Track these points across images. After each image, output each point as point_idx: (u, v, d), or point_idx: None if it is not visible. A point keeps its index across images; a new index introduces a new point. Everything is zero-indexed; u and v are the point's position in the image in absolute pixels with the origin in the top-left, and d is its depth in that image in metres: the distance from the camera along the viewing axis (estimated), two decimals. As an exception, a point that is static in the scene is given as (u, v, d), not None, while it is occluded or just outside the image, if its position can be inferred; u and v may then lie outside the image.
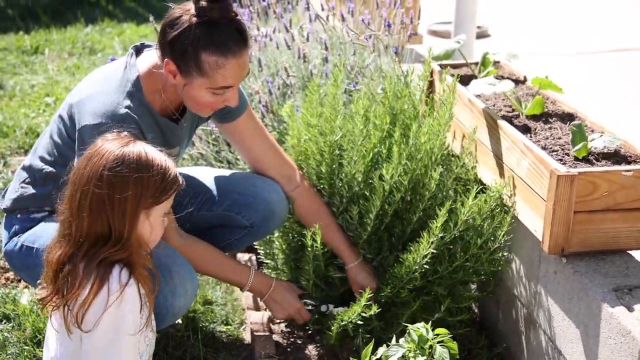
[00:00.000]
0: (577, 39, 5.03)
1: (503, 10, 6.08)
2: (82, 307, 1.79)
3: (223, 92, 2.25)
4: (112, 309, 1.79)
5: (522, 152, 2.29)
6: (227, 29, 2.18)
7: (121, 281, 1.80)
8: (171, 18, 2.20)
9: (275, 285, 2.62)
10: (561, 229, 2.14)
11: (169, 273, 2.26)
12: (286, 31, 3.51)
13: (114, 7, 7.61)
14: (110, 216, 1.81)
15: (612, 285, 2.07)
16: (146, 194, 1.83)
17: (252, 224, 2.61)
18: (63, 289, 1.83)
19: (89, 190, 1.81)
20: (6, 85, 5.35)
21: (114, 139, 1.88)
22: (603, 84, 4.08)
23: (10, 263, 2.50)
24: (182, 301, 2.33)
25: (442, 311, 2.49)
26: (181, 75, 2.22)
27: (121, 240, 1.82)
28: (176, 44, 2.18)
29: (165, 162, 1.88)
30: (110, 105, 2.22)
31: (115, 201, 1.80)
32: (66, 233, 1.86)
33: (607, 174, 2.12)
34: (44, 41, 6.41)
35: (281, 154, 2.67)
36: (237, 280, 2.60)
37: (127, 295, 1.80)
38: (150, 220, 1.87)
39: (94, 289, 1.79)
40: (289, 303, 2.63)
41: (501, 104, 2.66)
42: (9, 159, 4.16)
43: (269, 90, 3.33)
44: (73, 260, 1.84)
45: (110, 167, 1.81)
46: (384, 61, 3.16)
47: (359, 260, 2.65)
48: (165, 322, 2.34)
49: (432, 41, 4.33)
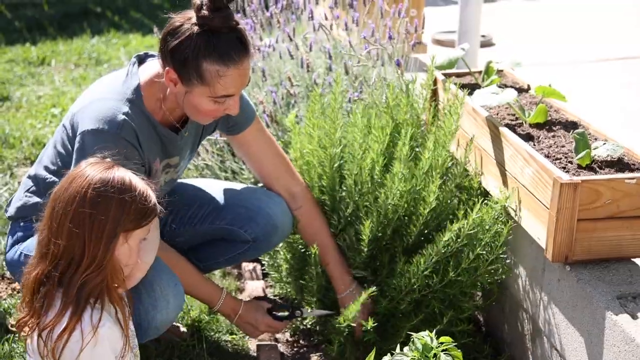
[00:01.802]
0: (581, 48, 5.03)
1: (507, 19, 6.09)
2: (58, 342, 1.79)
3: (224, 100, 2.26)
4: (88, 350, 1.79)
5: (525, 161, 2.29)
6: (228, 38, 2.19)
7: (92, 322, 1.80)
8: (172, 27, 2.21)
9: (244, 307, 2.62)
10: (565, 237, 2.14)
11: (150, 285, 2.25)
12: (290, 41, 3.52)
13: (120, 19, 7.65)
14: (87, 237, 1.81)
15: (616, 293, 2.07)
16: (127, 217, 1.83)
17: (254, 238, 2.62)
18: (39, 311, 1.83)
19: (70, 209, 1.81)
20: (13, 97, 5.38)
21: (98, 162, 1.89)
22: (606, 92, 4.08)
23: (11, 271, 2.51)
24: (164, 314, 2.31)
25: (444, 323, 2.48)
26: (182, 83, 2.23)
27: (94, 263, 1.82)
28: (177, 52, 2.19)
29: (147, 189, 1.89)
30: (108, 111, 2.23)
31: (95, 221, 1.81)
32: (44, 252, 1.85)
33: (611, 181, 2.12)
34: (51, 52, 6.45)
35: (289, 169, 2.67)
36: (207, 299, 2.59)
37: (100, 336, 1.80)
38: (130, 242, 1.88)
39: (69, 327, 1.79)
40: (259, 321, 2.63)
41: (504, 112, 2.66)
42: (15, 169, 4.19)
43: (273, 100, 3.35)
44: (50, 280, 1.84)
45: (95, 187, 1.81)
46: (388, 70, 3.17)
47: (351, 288, 2.63)
48: (147, 335, 2.33)
49: (436, 50, 4.34)
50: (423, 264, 2.40)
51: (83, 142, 2.22)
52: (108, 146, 2.04)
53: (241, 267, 3.26)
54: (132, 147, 2.23)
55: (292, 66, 3.51)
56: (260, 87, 3.48)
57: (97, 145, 2.14)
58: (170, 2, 8.25)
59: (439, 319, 2.50)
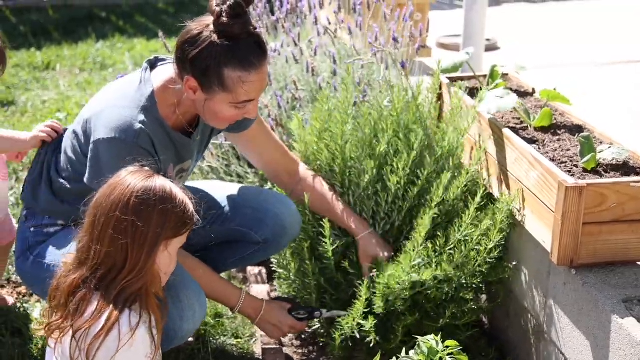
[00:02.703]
0: (586, 51, 5.03)
1: (512, 23, 6.09)
2: (95, 342, 1.80)
3: (244, 105, 2.27)
4: (123, 351, 1.81)
5: (530, 164, 2.29)
6: (247, 43, 2.19)
7: (131, 324, 1.82)
8: (190, 35, 2.19)
9: (266, 307, 2.62)
10: (570, 241, 2.14)
11: (177, 295, 2.27)
12: (295, 45, 3.53)
13: (125, 23, 7.67)
14: (130, 244, 1.84)
15: (622, 296, 2.07)
16: (168, 225, 1.87)
17: (264, 239, 2.63)
18: (74, 314, 1.85)
19: (113, 216, 1.84)
20: (18, 101, 5.40)
21: (137, 171, 1.92)
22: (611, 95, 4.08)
23: (22, 277, 2.52)
24: (190, 324, 2.34)
25: (446, 317, 2.49)
26: (203, 91, 2.23)
27: (135, 270, 1.85)
28: (198, 61, 2.18)
29: (185, 198, 1.93)
30: (124, 120, 2.24)
31: (137, 229, 1.84)
32: (83, 258, 1.88)
33: (616, 185, 2.12)
34: (56, 57, 6.47)
35: (286, 152, 2.72)
36: (227, 301, 2.60)
37: (137, 337, 1.82)
38: (169, 250, 1.91)
39: (106, 328, 1.80)
40: (282, 322, 2.63)
41: (509, 115, 2.66)
42: (21, 174, 4.20)
43: (278, 104, 3.35)
44: (87, 284, 1.86)
45: (138, 195, 1.85)
46: (393, 74, 3.18)
47: (369, 230, 2.64)
48: (172, 343, 2.34)
49: (441, 54, 4.34)
50: (409, 260, 2.40)
51: (98, 150, 2.23)
52: (122, 155, 2.05)
53: (246, 271, 3.27)
54: (149, 154, 2.23)
55: (297, 70, 3.52)
56: (266, 92, 3.49)
57: (112, 154, 2.15)
58: (175, 6, 8.27)
59: (441, 314, 2.51)
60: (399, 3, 3.72)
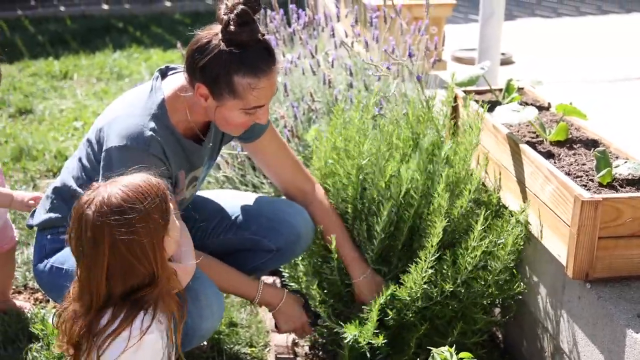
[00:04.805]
0: (602, 66, 5.03)
1: (526, 37, 6.10)
2: (107, 340, 1.81)
3: (255, 111, 2.29)
4: (129, 353, 1.81)
5: (546, 178, 2.30)
6: (256, 50, 2.22)
7: (142, 328, 1.82)
8: (199, 44, 2.23)
9: (287, 297, 2.65)
10: (585, 255, 2.14)
11: (195, 295, 2.29)
12: (311, 57, 3.55)
13: (142, 34, 7.73)
14: (136, 263, 1.83)
15: (637, 310, 2.07)
16: (154, 224, 1.84)
17: (278, 248, 2.64)
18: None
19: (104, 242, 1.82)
20: (36, 110, 5.45)
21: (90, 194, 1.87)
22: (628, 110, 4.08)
23: (40, 283, 2.54)
24: (209, 323, 2.36)
25: (455, 335, 2.48)
26: (213, 98, 2.26)
27: (151, 277, 1.86)
28: (207, 69, 2.21)
29: (144, 182, 1.87)
30: (135, 128, 2.27)
31: (132, 244, 1.82)
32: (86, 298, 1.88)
33: (632, 200, 2.13)
34: (73, 66, 6.53)
35: (301, 169, 2.72)
36: (246, 292, 2.61)
37: (145, 343, 1.82)
38: (171, 234, 1.91)
39: (118, 331, 1.81)
40: (297, 317, 2.66)
41: (525, 129, 2.67)
42: (38, 181, 4.24)
43: (294, 115, 3.38)
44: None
45: (114, 219, 1.80)
46: (408, 87, 3.19)
47: (365, 274, 2.65)
48: (191, 344, 2.37)
49: (456, 68, 4.36)
50: (420, 270, 2.41)
51: (110, 158, 2.25)
52: (134, 162, 2.08)
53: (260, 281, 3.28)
54: (160, 162, 2.26)
55: (313, 82, 3.54)
56: (282, 102, 3.51)
57: (124, 162, 2.17)
58: (191, 17, 8.33)
59: (449, 331, 2.51)
60: (415, 16, 3.75)
